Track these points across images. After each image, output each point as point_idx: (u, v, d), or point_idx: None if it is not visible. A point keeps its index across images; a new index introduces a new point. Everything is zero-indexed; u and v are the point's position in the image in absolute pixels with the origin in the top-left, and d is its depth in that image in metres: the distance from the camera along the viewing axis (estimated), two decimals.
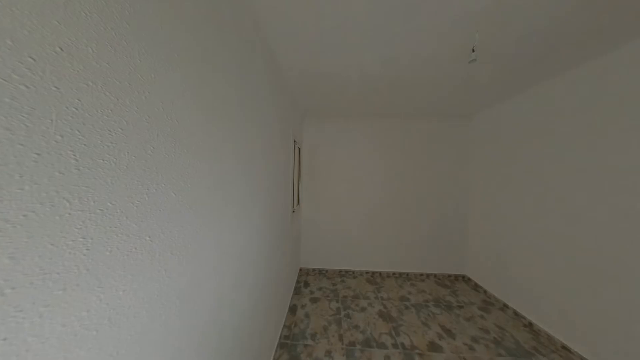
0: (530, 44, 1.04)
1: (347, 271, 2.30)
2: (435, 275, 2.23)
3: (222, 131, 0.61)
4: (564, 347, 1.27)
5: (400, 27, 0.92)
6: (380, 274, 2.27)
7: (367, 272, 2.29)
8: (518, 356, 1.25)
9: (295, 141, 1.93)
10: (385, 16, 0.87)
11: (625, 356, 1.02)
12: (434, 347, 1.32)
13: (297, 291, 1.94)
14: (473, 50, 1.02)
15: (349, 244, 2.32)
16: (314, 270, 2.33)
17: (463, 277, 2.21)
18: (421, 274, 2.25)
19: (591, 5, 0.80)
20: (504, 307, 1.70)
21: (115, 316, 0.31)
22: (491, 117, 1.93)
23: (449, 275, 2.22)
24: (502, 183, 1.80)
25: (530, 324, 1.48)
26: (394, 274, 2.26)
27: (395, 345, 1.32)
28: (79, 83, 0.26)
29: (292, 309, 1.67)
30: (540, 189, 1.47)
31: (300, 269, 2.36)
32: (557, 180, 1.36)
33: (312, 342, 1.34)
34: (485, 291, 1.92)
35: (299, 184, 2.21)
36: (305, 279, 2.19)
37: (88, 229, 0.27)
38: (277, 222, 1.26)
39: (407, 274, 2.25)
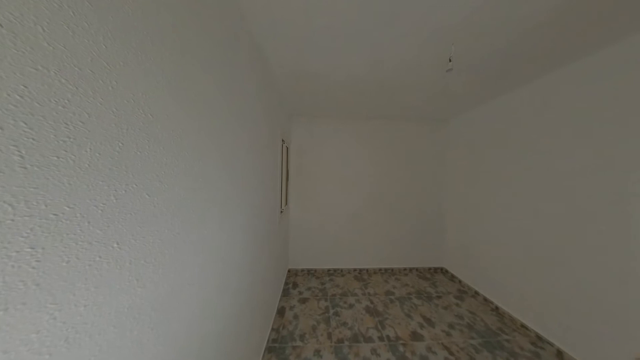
0: (496, 60, 1.16)
1: (335, 270, 2.33)
2: (417, 269, 2.37)
3: (205, 128, 0.58)
4: (523, 326, 1.45)
5: (385, 32, 0.96)
6: (367, 270, 2.34)
7: (354, 270, 2.34)
8: (487, 337, 1.39)
9: (283, 140, 1.90)
10: (372, 21, 0.90)
11: (568, 329, 1.20)
12: (416, 336, 1.40)
13: (285, 293, 1.91)
14: (450, 60, 1.10)
15: (337, 243, 2.35)
16: (302, 270, 2.32)
17: (441, 269, 2.38)
18: (405, 269, 2.37)
19: (541, 28, 0.92)
20: (476, 294, 1.87)
21: (74, 336, 0.27)
22: (465, 122, 2.11)
23: (429, 268, 2.38)
24: (473, 183, 1.98)
25: (497, 308, 1.66)
26: (380, 270, 2.35)
27: (381, 338, 1.38)
28: (24, 67, 0.22)
29: (281, 311, 1.64)
30: (503, 188, 1.65)
31: (289, 270, 2.33)
32: (517, 180, 1.54)
33: (301, 343, 1.33)
34: (460, 281, 2.10)
35: (287, 184, 2.17)
36: (294, 279, 2.17)
37: (38, 237, 0.23)
38: (264, 223, 1.23)
39: (392, 269, 2.36)
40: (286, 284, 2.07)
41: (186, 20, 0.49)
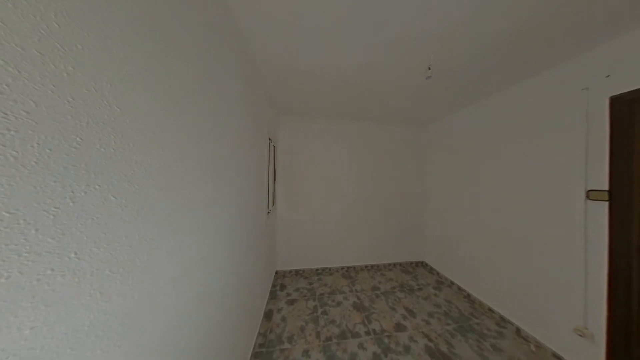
0: (470, 69, 1.27)
1: (323, 269, 2.35)
2: (400, 264, 2.50)
3: (185, 124, 0.53)
4: (490, 310, 1.62)
5: (373, 36, 0.99)
6: (354, 268, 2.40)
7: (342, 268, 2.38)
8: (460, 322, 1.53)
9: (270, 139, 1.85)
10: (361, 24, 0.92)
11: (525, 309, 1.37)
12: (399, 327, 1.47)
13: (272, 295, 1.87)
14: (429, 68, 1.18)
15: (325, 242, 2.36)
16: (290, 271, 2.29)
17: (422, 263, 2.54)
18: (389, 264, 2.48)
19: (507, 44, 1.03)
20: (451, 284, 2.04)
21: None
22: (443, 126, 2.28)
23: (411, 263, 2.53)
24: (450, 182, 2.15)
25: (469, 295, 1.82)
26: (366, 266, 2.42)
27: (367, 333, 1.42)
28: None
29: (268, 315, 1.60)
30: (476, 187, 1.82)
31: (277, 272, 2.28)
32: (487, 180, 1.71)
33: (289, 345, 1.31)
34: (438, 273, 2.26)
35: (274, 184, 2.12)
36: (281, 281, 2.13)
37: None
38: (250, 225, 1.18)
39: (378, 265, 2.45)
40: (274, 286, 2.03)
41: (162, 6, 0.45)
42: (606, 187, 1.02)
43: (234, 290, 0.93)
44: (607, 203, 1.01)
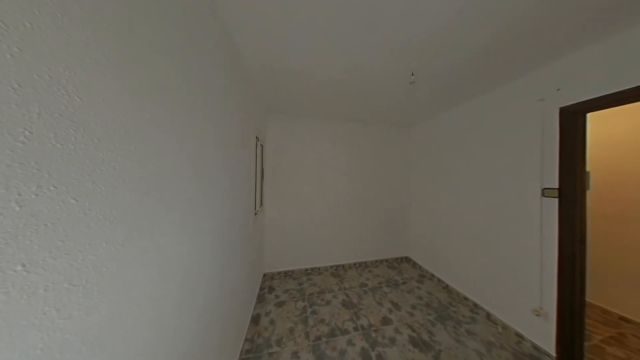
0: (449, 76, 1.37)
1: (313, 269, 2.34)
2: (386, 260, 2.61)
3: (162, 119, 0.49)
4: (465, 298, 1.77)
5: (361, 39, 1.01)
6: (343, 266, 2.44)
7: (331, 267, 2.40)
8: (440, 312, 1.64)
9: (257, 138, 1.79)
10: (350, 26, 0.93)
11: (495, 297, 1.52)
12: (385, 321, 1.53)
13: (260, 299, 1.81)
14: (412, 74, 1.25)
15: (314, 242, 2.36)
16: (279, 273, 2.24)
17: (406, 258, 2.68)
18: (376, 261, 2.57)
19: (478, 57, 1.14)
20: (432, 276, 2.18)
21: None
22: (426, 129, 2.43)
23: (396, 258, 2.65)
24: (431, 181, 2.30)
25: (447, 286, 1.97)
26: (355, 264, 2.48)
27: (356, 329, 1.46)
28: None
29: (255, 319, 1.55)
30: (454, 187, 1.98)
31: (265, 274, 2.22)
32: (463, 179, 1.87)
33: (278, 348, 1.29)
34: (420, 267, 2.40)
35: (262, 184, 2.06)
36: (269, 284, 2.08)
37: None
38: (237, 227, 1.13)
39: (366, 263, 2.52)
40: (261, 289, 1.97)
41: None
42: (556, 185, 1.18)
43: (219, 297, 0.88)
44: (557, 199, 1.17)
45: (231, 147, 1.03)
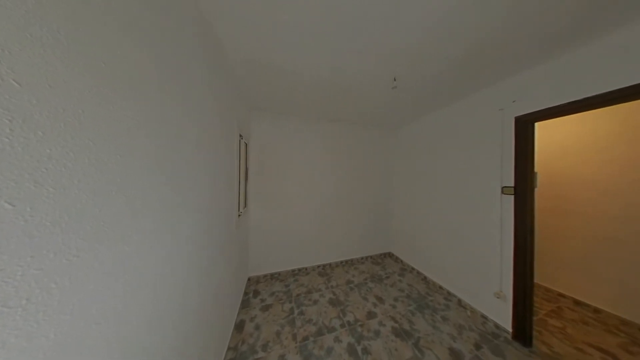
0: (427, 84, 1.48)
1: (300, 269, 2.33)
2: (371, 257, 2.71)
3: (129, 111, 0.43)
4: (440, 287, 1.94)
5: (347, 43, 1.04)
6: (330, 265, 2.47)
7: (318, 266, 2.41)
8: (419, 302, 1.77)
9: (241, 136, 1.71)
10: (335, 29, 0.94)
11: (465, 284, 1.70)
12: (370, 315, 1.60)
13: (245, 304, 1.74)
14: (394, 80, 1.32)
15: (301, 242, 2.35)
16: (265, 276, 2.18)
17: (389, 254, 2.82)
18: (361, 258, 2.65)
19: (450, 68, 1.25)
20: (412, 269, 2.34)
21: None
22: (407, 131, 2.59)
23: (380, 254, 2.78)
24: (411, 181, 2.47)
25: (425, 278, 2.14)
26: (341, 262, 2.53)
27: (342, 325, 1.49)
28: None
29: (239, 326, 1.48)
30: (432, 186, 2.14)
31: (249, 278, 2.13)
32: (439, 179, 2.04)
33: (264, 353, 1.25)
34: (402, 261, 2.56)
35: (246, 184, 1.97)
36: (254, 287, 2.00)
37: None
38: (218, 230, 1.07)
39: (352, 260, 2.59)
40: (246, 294, 1.89)
41: None
42: (512, 184, 1.36)
43: (198, 306, 0.82)
44: (513, 196, 1.35)
45: (212, 144, 0.97)
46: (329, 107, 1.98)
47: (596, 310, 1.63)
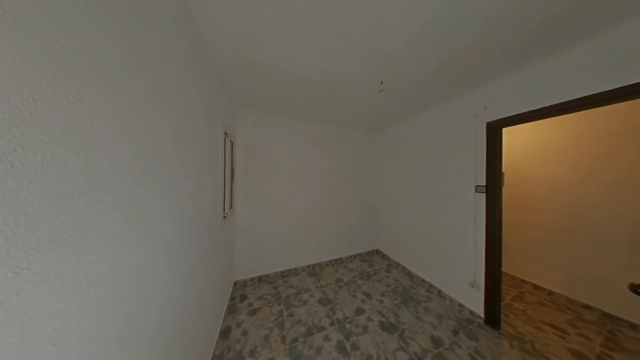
0: (411, 88, 1.57)
1: (289, 270, 2.30)
2: (359, 255, 2.78)
3: (96, 105, 0.38)
4: (423, 280, 2.06)
5: (336, 44, 1.05)
6: (320, 264, 2.48)
7: (308, 266, 2.41)
8: (404, 295, 1.87)
9: (226, 133, 1.63)
10: (324, 30, 0.95)
11: (444, 276, 1.83)
12: (359, 311, 1.64)
13: (231, 310, 1.66)
14: (381, 83, 1.37)
15: (290, 243, 2.32)
16: (252, 279, 2.11)
17: (377, 251, 2.93)
18: (350, 256, 2.71)
19: (432, 75, 1.34)
20: (397, 265, 2.46)
21: None
22: (393, 133, 2.70)
23: (368, 252, 2.86)
24: (397, 181, 2.58)
25: (410, 273, 2.26)
26: (331, 261, 2.55)
27: (332, 323, 1.50)
28: None
29: (225, 333, 1.41)
30: (416, 185, 2.27)
31: (236, 283, 2.04)
32: (422, 179, 2.16)
33: (252, 358, 1.21)
34: (388, 258, 2.67)
35: (232, 185, 1.89)
36: (241, 292, 1.93)
37: None
38: (201, 234, 1.00)
39: (341, 259, 2.63)
40: (232, 299, 1.81)
41: None
42: (484, 183, 1.50)
43: (178, 316, 0.76)
44: (484, 194, 1.49)
45: (193, 142, 0.91)
46: (318, 106, 1.99)
47: (550, 293, 1.88)
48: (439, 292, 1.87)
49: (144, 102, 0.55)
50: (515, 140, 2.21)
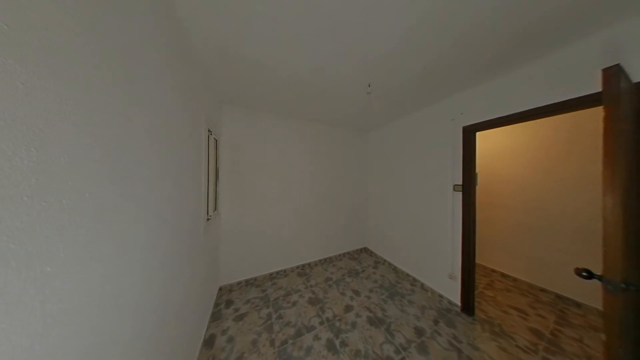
0: (397, 92, 1.64)
1: (278, 272, 2.25)
2: (348, 253, 2.84)
3: (52, 94, 0.34)
4: (407, 275, 2.18)
5: (325, 45, 1.05)
6: (309, 264, 2.47)
7: (297, 267, 2.39)
8: (390, 290, 1.95)
9: (210, 131, 1.54)
10: (313, 29, 0.95)
11: (426, 270, 1.95)
12: (348, 308, 1.67)
13: (215, 317, 1.58)
14: (369, 85, 1.41)
15: (279, 244, 2.27)
16: (239, 283, 2.02)
17: (365, 249, 3.01)
18: (339, 255, 2.75)
19: (417, 79, 1.42)
20: (384, 261, 2.56)
21: None
22: (380, 134, 2.80)
23: (356, 250, 2.93)
24: (383, 180, 2.69)
25: (395, 268, 2.36)
26: (320, 261, 2.56)
27: (322, 322, 1.51)
28: None
29: (209, 342, 1.33)
30: (401, 184, 2.38)
31: (221, 288, 1.95)
32: (405, 178, 2.28)
33: None
34: (376, 255, 2.76)
35: (216, 185, 1.79)
36: (227, 297, 1.84)
37: None
38: (182, 238, 0.93)
39: (330, 258, 2.65)
40: (216, 305, 1.71)
41: None
42: (461, 182, 1.63)
43: (156, 327, 0.70)
44: (461, 193, 1.62)
45: (172, 139, 0.84)
46: (307, 106, 1.98)
47: (515, 280, 2.11)
48: (422, 285, 1.98)
49: (114, 94, 0.49)
50: (486, 143, 2.44)
